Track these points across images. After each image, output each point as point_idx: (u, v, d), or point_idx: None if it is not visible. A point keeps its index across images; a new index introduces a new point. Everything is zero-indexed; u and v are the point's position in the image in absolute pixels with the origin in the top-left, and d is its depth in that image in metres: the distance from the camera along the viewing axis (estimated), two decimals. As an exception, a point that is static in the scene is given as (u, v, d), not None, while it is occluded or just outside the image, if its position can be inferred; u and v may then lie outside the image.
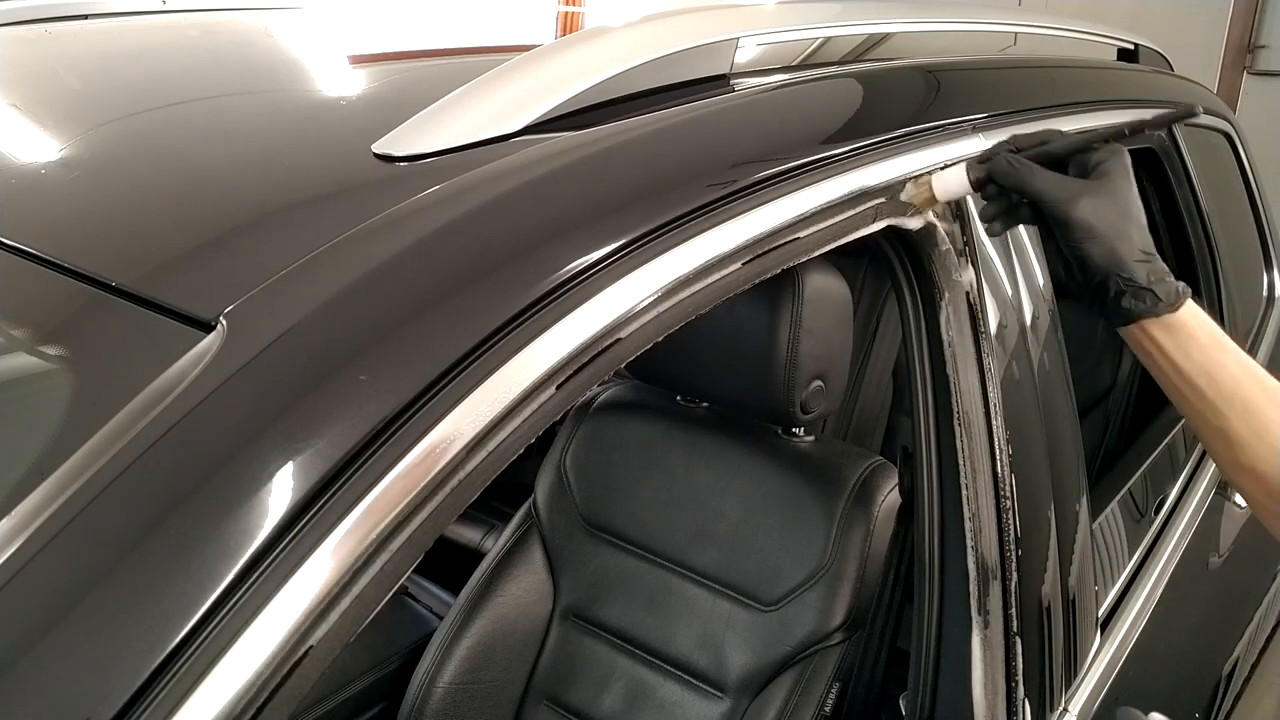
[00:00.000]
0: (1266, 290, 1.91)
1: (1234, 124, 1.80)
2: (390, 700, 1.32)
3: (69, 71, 1.01)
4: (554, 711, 1.24)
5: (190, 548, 0.42)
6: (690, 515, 1.21)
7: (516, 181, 0.60)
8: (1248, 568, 1.67)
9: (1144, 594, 1.19)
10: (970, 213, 0.85)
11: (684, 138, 0.70)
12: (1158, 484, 1.38)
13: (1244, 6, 3.98)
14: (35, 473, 0.45)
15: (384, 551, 0.46)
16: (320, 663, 0.44)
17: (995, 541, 0.89)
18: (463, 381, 0.49)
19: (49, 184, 0.72)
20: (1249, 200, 1.86)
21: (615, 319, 0.56)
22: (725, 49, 0.80)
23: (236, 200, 0.66)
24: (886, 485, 1.13)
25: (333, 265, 0.53)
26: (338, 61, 1.10)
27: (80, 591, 0.41)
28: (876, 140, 0.77)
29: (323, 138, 0.78)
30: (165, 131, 0.82)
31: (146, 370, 0.49)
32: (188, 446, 0.45)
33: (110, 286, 0.56)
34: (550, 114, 0.66)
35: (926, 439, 0.90)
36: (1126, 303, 0.70)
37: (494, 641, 1.24)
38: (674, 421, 1.28)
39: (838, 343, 1.11)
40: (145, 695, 0.39)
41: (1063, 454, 0.97)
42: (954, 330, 0.85)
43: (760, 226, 0.65)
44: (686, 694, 1.17)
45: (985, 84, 1.04)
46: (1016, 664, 0.91)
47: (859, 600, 1.09)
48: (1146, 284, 0.69)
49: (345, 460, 0.45)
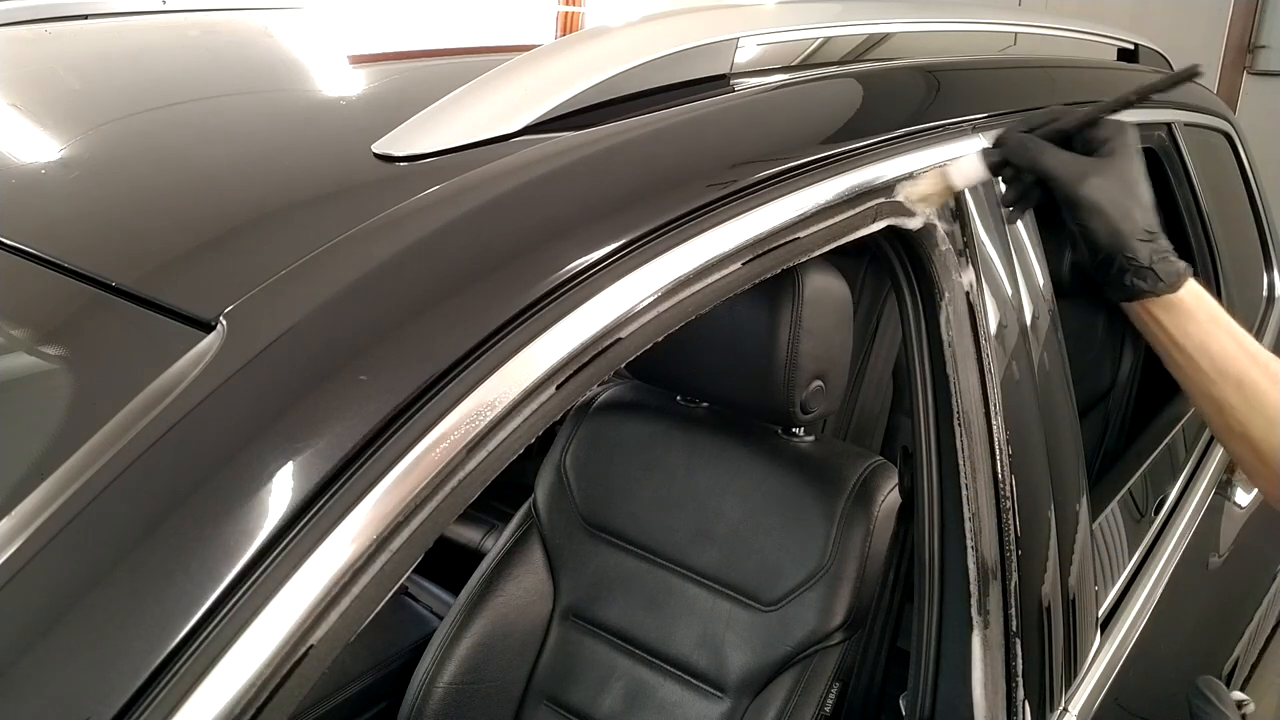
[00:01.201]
0: (1266, 290, 1.91)
1: (1234, 124, 1.80)
2: (390, 700, 1.32)
3: (69, 71, 1.01)
4: (554, 711, 1.24)
5: (190, 548, 0.42)
6: (690, 515, 1.21)
7: (516, 181, 0.60)
8: (1248, 568, 1.67)
9: (1144, 594, 1.19)
10: (970, 212, 0.85)
11: (684, 138, 0.70)
12: (1158, 484, 1.38)
13: (1244, 6, 3.99)
14: (35, 473, 0.45)
15: (384, 551, 0.46)
16: (320, 663, 0.44)
17: (995, 541, 0.89)
18: (463, 381, 0.49)
19: (49, 184, 0.72)
20: (1249, 200, 1.86)
21: (615, 319, 0.56)
22: (725, 49, 0.80)
23: (236, 200, 0.66)
24: (886, 485, 1.13)
25: (333, 265, 0.53)
26: (338, 61, 1.10)
27: (80, 591, 0.41)
28: (876, 140, 0.77)
29: (323, 138, 0.78)
30: (165, 131, 0.82)
31: (146, 370, 0.49)
32: (188, 446, 0.45)
33: (110, 286, 0.56)
34: (550, 114, 0.66)
35: (926, 439, 0.90)
36: (1129, 280, 0.72)
37: (494, 641, 1.24)
38: (674, 421, 1.28)
39: (838, 343, 1.11)
40: (145, 695, 0.39)
41: (1063, 454, 0.97)
42: (954, 330, 0.85)
43: (760, 226, 0.65)
44: (686, 694, 1.17)
45: (985, 84, 1.05)
46: (1016, 664, 0.91)
47: (859, 600, 1.09)
48: (1148, 263, 0.71)
49: (345, 460, 0.45)
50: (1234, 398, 0.73)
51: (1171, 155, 1.51)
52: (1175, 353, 0.75)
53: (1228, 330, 0.74)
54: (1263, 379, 0.73)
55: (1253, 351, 0.74)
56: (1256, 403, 0.73)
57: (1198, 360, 0.74)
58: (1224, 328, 0.74)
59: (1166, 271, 0.71)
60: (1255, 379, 0.73)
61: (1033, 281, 0.95)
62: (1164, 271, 0.71)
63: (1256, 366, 0.73)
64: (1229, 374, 0.73)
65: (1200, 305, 0.73)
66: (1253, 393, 0.73)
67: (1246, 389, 0.73)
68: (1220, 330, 0.74)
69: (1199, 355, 0.73)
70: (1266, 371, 0.73)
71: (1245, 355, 0.73)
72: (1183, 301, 0.73)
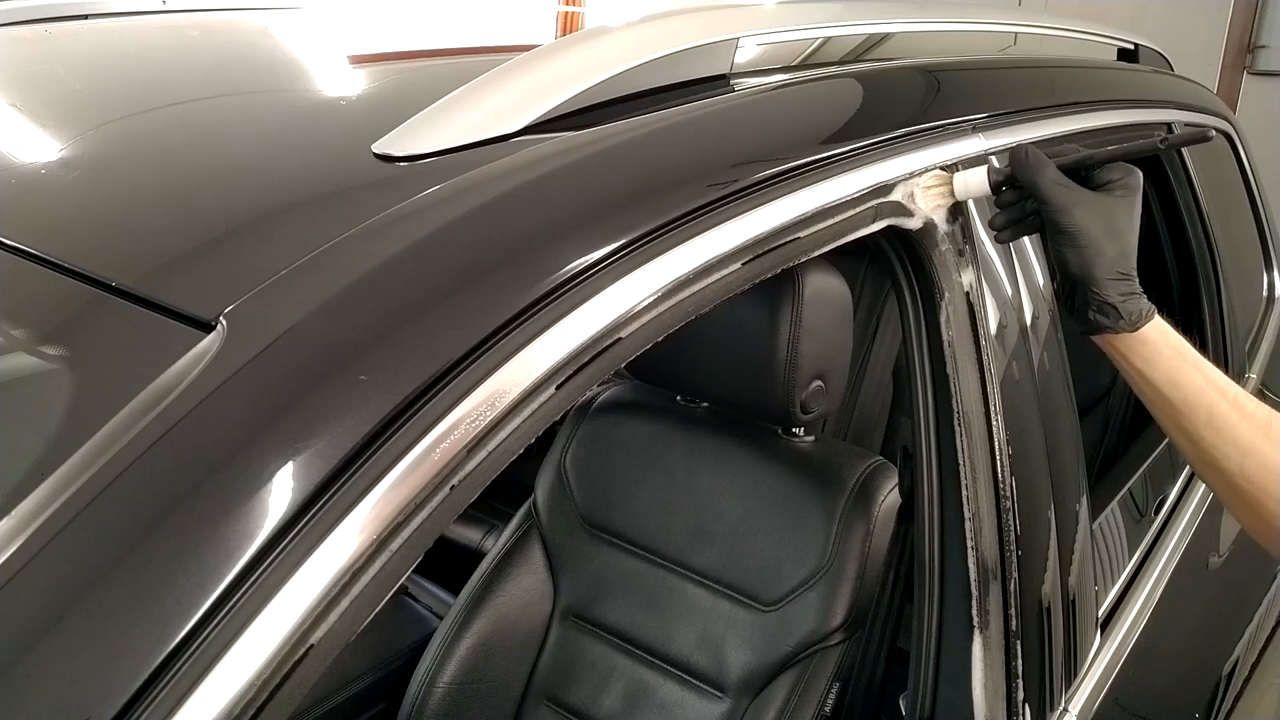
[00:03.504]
0: (1266, 290, 1.91)
1: (1234, 124, 1.80)
2: (390, 700, 1.32)
3: (69, 71, 1.01)
4: (554, 711, 1.24)
5: (190, 548, 0.42)
6: (690, 515, 1.21)
7: (516, 181, 0.60)
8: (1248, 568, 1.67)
9: (1144, 594, 1.19)
10: (970, 213, 0.85)
11: (684, 138, 0.70)
12: (1158, 484, 1.38)
13: (1244, 6, 3.99)
14: (35, 473, 0.45)
15: (384, 551, 0.46)
16: (320, 662, 0.44)
17: (995, 542, 0.89)
18: (462, 382, 0.49)
19: (49, 184, 0.72)
20: (1249, 200, 1.86)
21: (615, 319, 0.56)
22: (725, 49, 0.80)
23: (236, 200, 0.66)
24: (886, 485, 1.13)
25: (333, 265, 0.53)
26: (338, 61, 1.10)
27: (80, 591, 0.41)
28: (876, 140, 0.77)
29: (323, 138, 0.78)
30: (165, 131, 0.82)
31: (146, 370, 0.49)
32: (188, 446, 0.45)
33: (110, 286, 0.56)
34: (550, 114, 0.66)
35: (926, 439, 0.90)
36: (1091, 315, 0.74)
37: (494, 641, 1.24)
38: (674, 421, 1.28)
39: (838, 343, 1.11)
40: (145, 695, 0.39)
41: (1063, 454, 0.97)
42: (954, 330, 0.85)
43: (760, 226, 0.65)
44: (686, 694, 1.17)
45: (985, 84, 1.04)
46: (1016, 664, 0.91)
47: (859, 600, 1.09)
48: (1113, 300, 0.73)
49: (345, 460, 0.45)
50: (1204, 430, 0.75)
51: (1171, 155, 1.51)
52: (1144, 386, 0.77)
53: (1194, 365, 0.75)
54: (1231, 412, 0.74)
55: (1220, 385, 0.75)
56: (1227, 434, 0.74)
57: (1166, 394, 0.75)
58: (1190, 363, 0.75)
59: (1129, 310, 0.73)
60: (1224, 412, 0.74)
61: (1033, 281, 0.95)
62: (1126, 310, 0.73)
63: (1225, 400, 0.75)
64: (1198, 407, 0.75)
65: (1166, 341, 0.75)
66: (1223, 424, 0.74)
67: (1217, 421, 0.74)
68: (1187, 365, 0.75)
69: (1167, 389, 0.75)
70: (1235, 404, 0.75)
71: (1213, 389, 0.75)
72: (1146, 337, 0.74)
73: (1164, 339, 0.75)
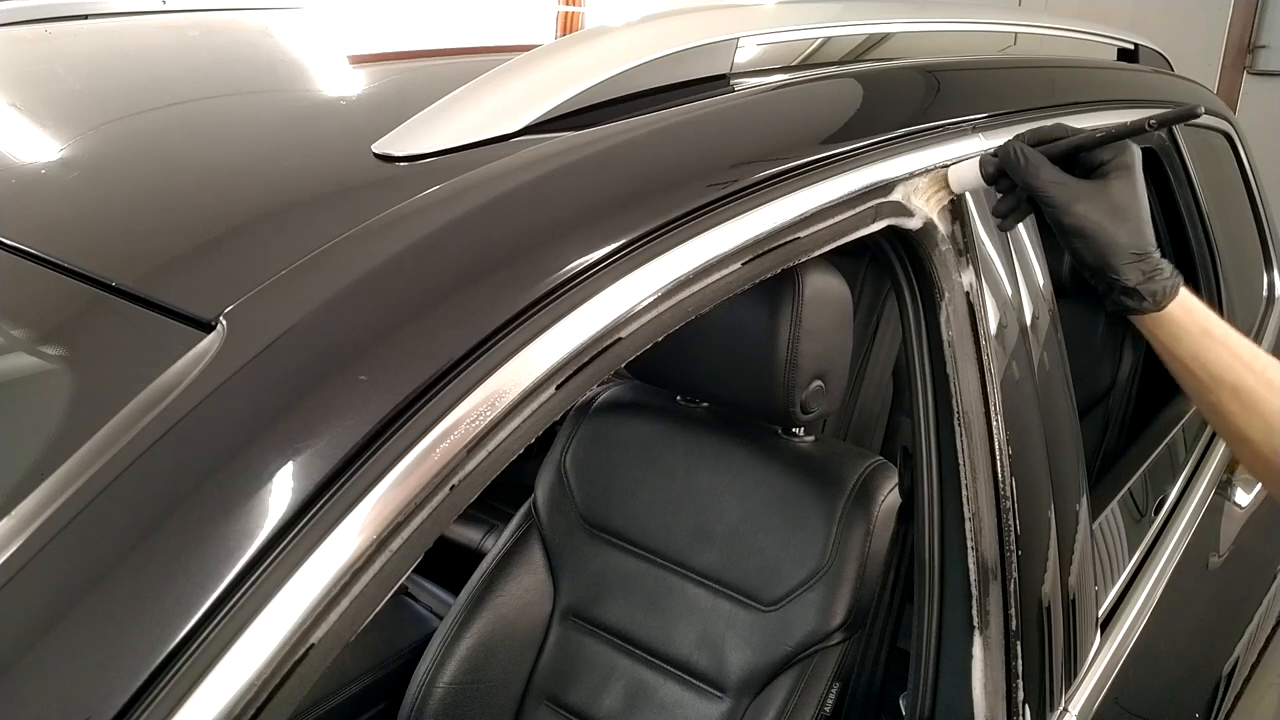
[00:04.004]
0: (1266, 290, 1.91)
1: (1234, 124, 1.80)
2: (390, 700, 1.32)
3: (69, 71, 1.01)
4: (554, 711, 1.24)
5: (190, 548, 0.42)
6: (690, 515, 1.21)
7: (516, 181, 0.60)
8: (1248, 568, 1.67)
9: (1144, 594, 1.19)
10: (970, 212, 0.85)
11: (684, 138, 0.70)
12: (1158, 484, 1.38)
13: (1244, 6, 3.99)
14: (35, 473, 0.45)
15: (384, 551, 0.46)
16: (320, 662, 0.44)
17: (995, 542, 0.89)
18: (463, 381, 0.49)
19: (49, 184, 0.72)
20: (1249, 200, 1.86)
21: (615, 319, 0.56)
22: (725, 49, 0.80)
23: (236, 200, 0.66)
24: (886, 485, 1.13)
25: (333, 265, 0.53)
26: (338, 61, 1.10)
27: (80, 591, 0.41)
28: (876, 140, 0.77)
29: (323, 138, 0.78)
30: (165, 131, 0.82)
31: (146, 370, 0.49)
32: (188, 446, 0.45)
33: (110, 286, 0.56)
34: (550, 114, 0.66)
35: (926, 439, 0.90)
36: (1116, 298, 0.75)
37: (494, 641, 1.24)
38: (674, 421, 1.28)
39: (838, 343, 1.11)
40: (145, 695, 0.39)
41: (1063, 454, 0.97)
42: (954, 330, 0.85)
43: (760, 226, 0.65)
44: (686, 694, 1.17)
45: (985, 84, 1.04)
46: (1016, 664, 0.91)
47: (859, 600, 1.09)
48: (1134, 284, 0.74)
49: (345, 460, 0.45)
50: (1231, 404, 0.76)
51: (1171, 155, 1.51)
52: (1171, 361, 0.78)
53: (1221, 340, 0.76)
54: (1258, 385, 0.75)
55: (1248, 359, 0.76)
56: (1254, 408, 0.75)
57: (1193, 369, 0.76)
58: (1217, 339, 0.76)
59: (1151, 291, 0.74)
60: (1251, 385, 0.75)
61: (1033, 281, 0.95)
62: (1149, 291, 0.74)
63: (1252, 374, 0.75)
64: (1224, 382, 0.75)
65: (1191, 318, 0.76)
66: (1249, 399, 0.75)
67: (1243, 395, 0.75)
68: (1213, 341, 0.76)
69: (1193, 364, 0.76)
70: (1262, 378, 0.75)
71: (1240, 363, 0.76)
72: (1172, 316, 0.75)
73: (1189, 316, 0.76)
